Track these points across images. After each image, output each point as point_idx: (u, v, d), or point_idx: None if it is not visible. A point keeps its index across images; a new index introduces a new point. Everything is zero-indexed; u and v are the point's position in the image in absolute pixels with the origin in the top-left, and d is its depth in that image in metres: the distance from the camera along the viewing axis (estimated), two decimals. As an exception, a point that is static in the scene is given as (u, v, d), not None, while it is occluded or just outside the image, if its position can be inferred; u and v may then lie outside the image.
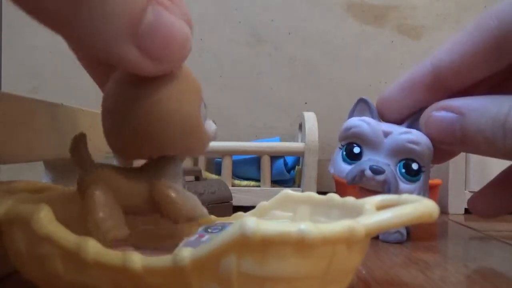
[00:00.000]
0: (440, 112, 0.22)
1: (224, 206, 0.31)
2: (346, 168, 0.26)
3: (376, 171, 0.24)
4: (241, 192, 0.40)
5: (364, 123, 0.25)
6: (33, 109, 0.21)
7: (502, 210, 0.24)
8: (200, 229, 0.19)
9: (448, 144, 0.23)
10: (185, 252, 0.12)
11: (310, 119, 0.42)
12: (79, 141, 0.17)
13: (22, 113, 0.20)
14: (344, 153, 0.26)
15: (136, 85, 0.15)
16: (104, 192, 0.15)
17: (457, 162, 0.41)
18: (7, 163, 0.19)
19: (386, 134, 0.25)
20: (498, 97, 0.20)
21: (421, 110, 0.24)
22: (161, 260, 0.13)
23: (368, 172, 0.24)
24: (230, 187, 0.36)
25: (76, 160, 0.16)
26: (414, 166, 0.25)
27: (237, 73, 0.55)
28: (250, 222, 0.11)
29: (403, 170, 0.25)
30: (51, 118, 0.22)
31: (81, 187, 0.16)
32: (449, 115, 0.22)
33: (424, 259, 0.24)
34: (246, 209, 0.21)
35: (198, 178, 0.33)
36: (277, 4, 0.55)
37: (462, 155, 0.41)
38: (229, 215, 0.22)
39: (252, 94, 0.56)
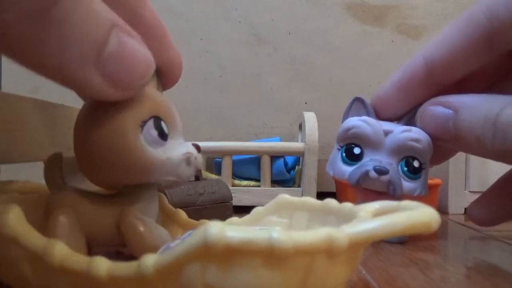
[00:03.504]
0: (436, 107, 0.22)
1: (224, 206, 0.31)
2: (346, 169, 0.26)
3: (381, 171, 0.24)
4: (241, 192, 0.40)
5: (365, 123, 0.25)
6: (33, 109, 0.21)
7: (499, 218, 0.24)
8: (187, 233, 0.18)
9: (442, 141, 0.23)
10: (150, 260, 0.11)
11: (310, 119, 0.42)
12: (54, 161, 0.16)
13: (22, 113, 0.20)
14: (344, 154, 0.26)
15: (84, 112, 0.15)
16: (69, 218, 0.14)
17: (457, 162, 0.41)
18: (7, 163, 0.19)
19: (387, 133, 0.25)
20: (492, 96, 0.20)
21: (417, 107, 0.24)
22: (125, 267, 0.12)
23: (373, 173, 0.24)
24: (230, 187, 0.36)
25: (47, 181, 0.16)
26: (416, 163, 0.25)
27: (237, 73, 0.55)
28: (213, 228, 0.10)
29: (405, 168, 0.25)
30: (51, 118, 0.22)
31: (47, 209, 0.15)
32: (444, 111, 0.22)
33: (424, 259, 0.24)
34: (246, 209, 0.21)
35: (198, 178, 0.33)
36: (277, 4, 0.55)
37: (462, 155, 0.41)
38: (229, 215, 0.21)
39: (252, 94, 0.56)
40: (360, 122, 0.25)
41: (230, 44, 0.55)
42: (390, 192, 0.24)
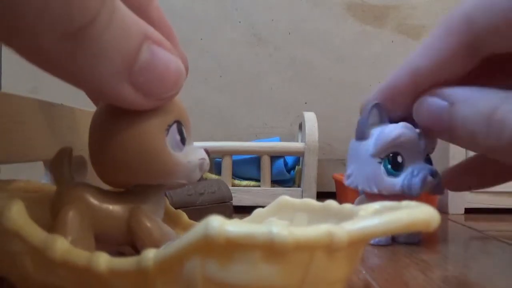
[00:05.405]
0: (432, 98, 0.22)
1: (224, 206, 0.31)
2: (394, 181, 0.24)
3: (435, 174, 0.24)
4: (241, 192, 0.40)
5: (407, 130, 0.24)
6: (33, 109, 0.21)
7: (472, 187, 0.27)
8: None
9: (436, 133, 0.23)
10: (150, 254, 0.12)
11: (310, 119, 0.42)
12: (63, 156, 0.16)
13: (22, 113, 0.20)
14: (389, 166, 0.24)
15: (106, 114, 0.15)
16: (79, 214, 0.14)
17: (457, 162, 0.41)
18: (7, 163, 0.19)
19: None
20: (491, 91, 0.20)
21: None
22: (126, 262, 0.12)
23: (430, 178, 0.24)
24: (230, 187, 0.36)
25: (55, 176, 0.15)
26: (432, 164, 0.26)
27: (237, 73, 0.55)
28: (214, 221, 0.10)
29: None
30: (51, 118, 0.22)
31: (56, 205, 0.15)
32: (441, 102, 0.21)
33: (424, 259, 0.24)
34: (246, 209, 0.21)
35: (198, 178, 0.33)
36: (277, 4, 0.55)
37: (462, 154, 0.41)
38: (229, 215, 0.21)
39: (252, 94, 0.56)
40: (405, 129, 0.24)
41: (230, 44, 0.55)
42: (440, 193, 0.25)
